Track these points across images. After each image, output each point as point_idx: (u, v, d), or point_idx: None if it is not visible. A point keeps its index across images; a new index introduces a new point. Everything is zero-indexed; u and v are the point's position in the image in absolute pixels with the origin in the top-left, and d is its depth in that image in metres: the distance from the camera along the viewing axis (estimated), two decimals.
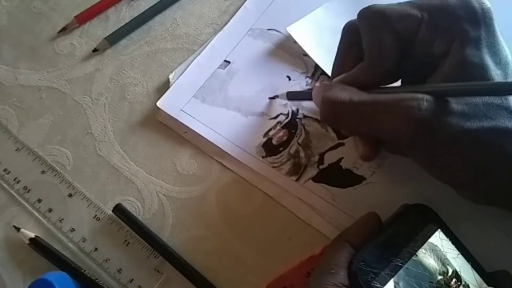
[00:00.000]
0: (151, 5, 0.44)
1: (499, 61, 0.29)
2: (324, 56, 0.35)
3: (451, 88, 0.28)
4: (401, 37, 0.30)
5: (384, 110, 0.29)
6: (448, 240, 0.31)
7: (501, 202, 0.30)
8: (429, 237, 0.31)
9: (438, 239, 0.31)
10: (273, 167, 0.38)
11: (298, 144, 0.38)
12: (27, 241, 0.37)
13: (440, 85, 0.29)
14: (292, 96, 0.39)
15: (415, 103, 0.27)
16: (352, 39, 0.33)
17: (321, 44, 0.33)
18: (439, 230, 0.31)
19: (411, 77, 0.31)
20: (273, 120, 0.39)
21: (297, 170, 0.38)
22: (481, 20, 0.29)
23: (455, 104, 0.28)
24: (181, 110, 0.40)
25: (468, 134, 0.27)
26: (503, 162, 0.28)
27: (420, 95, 0.28)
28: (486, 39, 0.28)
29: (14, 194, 0.39)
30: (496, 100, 0.28)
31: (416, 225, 0.31)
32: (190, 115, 0.40)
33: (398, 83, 0.33)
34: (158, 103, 0.40)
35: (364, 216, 0.33)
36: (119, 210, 0.38)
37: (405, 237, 0.30)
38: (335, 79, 0.33)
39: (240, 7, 0.44)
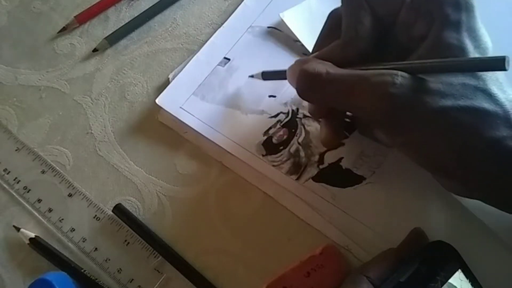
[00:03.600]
0: (151, 5, 0.44)
1: (479, 45, 0.29)
2: None
3: (425, 64, 0.28)
4: (381, 20, 0.31)
5: (359, 84, 0.29)
6: (467, 281, 0.31)
7: (485, 193, 0.30)
8: (449, 278, 0.30)
9: (458, 279, 0.31)
10: (273, 166, 0.38)
11: (298, 143, 0.38)
12: (27, 241, 0.37)
13: (415, 62, 0.29)
14: (267, 75, 0.38)
15: (389, 78, 0.27)
16: (334, 24, 0.33)
17: (313, 32, 0.34)
18: (459, 270, 0.31)
19: (392, 59, 0.31)
20: (273, 119, 0.39)
21: (297, 170, 0.38)
22: (462, 5, 0.29)
23: (431, 83, 0.28)
24: (181, 107, 0.40)
25: (443, 112, 0.27)
26: (481, 145, 0.27)
27: (395, 71, 0.28)
28: (466, 24, 0.28)
29: (14, 194, 0.39)
30: (472, 81, 0.28)
31: (437, 264, 0.31)
32: (189, 113, 0.40)
33: None
34: (157, 100, 0.40)
35: (383, 252, 0.33)
36: (119, 210, 0.38)
37: (427, 277, 0.30)
38: (311, 56, 0.33)
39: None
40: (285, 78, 0.34)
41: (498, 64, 0.25)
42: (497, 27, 0.30)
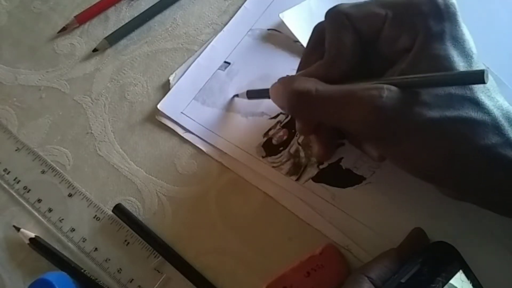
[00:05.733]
0: (151, 5, 0.44)
1: (463, 53, 0.29)
2: None
3: (407, 79, 0.28)
4: (363, 37, 0.31)
5: (347, 99, 0.29)
6: (468, 282, 0.31)
7: (478, 198, 0.30)
8: (450, 278, 0.30)
9: (459, 280, 0.31)
10: (273, 167, 0.38)
11: (298, 143, 0.38)
12: (27, 241, 0.37)
13: (397, 78, 0.29)
14: (252, 94, 0.39)
15: (376, 92, 0.28)
16: (319, 38, 0.33)
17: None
18: (460, 271, 0.31)
19: (377, 74, 0.31)
20: (273, 120, 0.39)
21: (297, 170, 0.38)
22: (444, 15, 0.29)
23: (417, 95, 0.28)
24: (182, 112, 0.40)
25: (431, 123, 0.28)
26: (471, 154, 0.28)
27: (381, 85, 0.28)
28: (450, 33, 0.29)
29: (14, 194, 0.39)
30: (458, 91, 0.28)
31: (439, 265, 0.31)
32: (190, 118, 0.40)
33: None
34: (158, 106, 0.40)
35: (384, 252, 0.33)
36: (119, 210, 0.38)
37: (428, 278, 0.30)
38: (297, 74, 0.34)
39: (240, 7, 0.44)
40: (269, 97, 0.35)
41: (477, 77, 0.26)
42: (496, 28, 0.30)
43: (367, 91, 0.28)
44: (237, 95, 0.40)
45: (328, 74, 0.31)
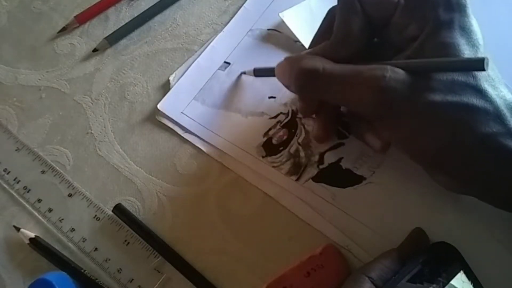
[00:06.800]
0: (151, 5, 0.44)
1: (469, 43, 0.29)
2: None
3: (410, 64, 0.29)
4: (373, 23, 0.31)
5: (353, 79, 0.29)
6: (469, 283, 0.31)
7: (479, 190, 0.30)
8: (451, 279, 0.30)
9: (460, 281, 0.31)
10: (273, 167, 0.38)
11: (298, 143, 0.38)
12: (27, 241, 0.37)
13: (400, 62, 0.29)
14: (259, 72, 0.39)
15: (380, 72, 0.28)
16: (332, 21, 0.33)
17: (313, 31, 0.34)
18: (461, 272, 0.31)
19: (383, 57, 0.32)
20: (273, 120, 0.39)
21: (297, 170, 0.38)
22: (455, 6, 0.29)
23: (421, 78, 0.28)
24: (182, 112, 0.40)
25: (433, 106, 0.28)
26: (472, 140, 0.28)
27: (386, 66, 0.28)
28: (458, 23, 0.29)
29: (14, 194, 0.39)
30: (462, 77, 0.28)
31: (440, 265, 0.31)
32: (190, 118, 0.40)
33: None
34: (158, 106, 0.40)
35: (385, 252, 0.33)
36: (119, 210, 0.38)
37: (429, 278, 0.30)
38: (303, 52, 0.34)
39: (240, 7, 0.44)
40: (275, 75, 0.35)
41: (477, 64, 0.26)
42: (497, 26, 0.30)
43: (371, 71, 0.29)
44: (244, 72, 0.40)
45: (333, 55, 0.31)
